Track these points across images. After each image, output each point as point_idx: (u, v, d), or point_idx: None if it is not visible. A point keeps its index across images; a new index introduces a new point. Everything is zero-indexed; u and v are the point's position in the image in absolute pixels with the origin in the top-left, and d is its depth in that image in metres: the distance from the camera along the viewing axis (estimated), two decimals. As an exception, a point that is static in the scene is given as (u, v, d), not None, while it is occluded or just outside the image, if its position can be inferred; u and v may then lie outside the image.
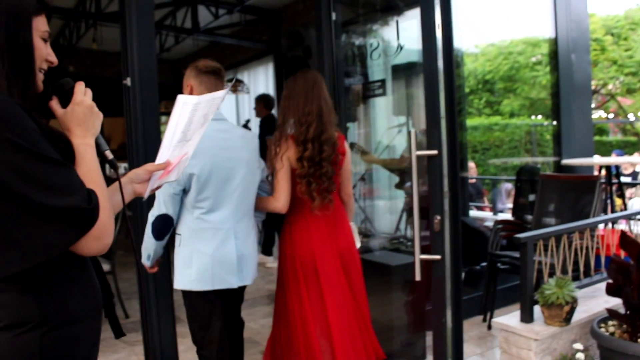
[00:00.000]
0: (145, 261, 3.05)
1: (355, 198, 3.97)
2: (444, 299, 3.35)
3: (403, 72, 4.81)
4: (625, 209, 6.41)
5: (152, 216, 2.95)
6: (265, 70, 8.84)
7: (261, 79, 8.92)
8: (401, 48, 4.31)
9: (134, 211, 3.55)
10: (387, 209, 5.99)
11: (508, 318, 3.86)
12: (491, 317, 4.86)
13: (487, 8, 6.71)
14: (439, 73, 2.96)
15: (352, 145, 4.87)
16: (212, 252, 2.98)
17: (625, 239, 3.49)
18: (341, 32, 4.14)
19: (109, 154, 1.64)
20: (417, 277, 3.28)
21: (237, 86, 8.59)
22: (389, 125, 5.42)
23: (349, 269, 3.36)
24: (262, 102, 7.94)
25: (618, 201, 6.41)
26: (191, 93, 3.03)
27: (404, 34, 4.25)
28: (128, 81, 3.38)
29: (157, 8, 5.33)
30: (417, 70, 4.41)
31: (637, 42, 17.27)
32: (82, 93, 1.54)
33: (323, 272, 3.23)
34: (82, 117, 1.52)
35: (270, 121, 7.97)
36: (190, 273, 2.98)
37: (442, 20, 2.92)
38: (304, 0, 7.29)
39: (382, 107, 5.16)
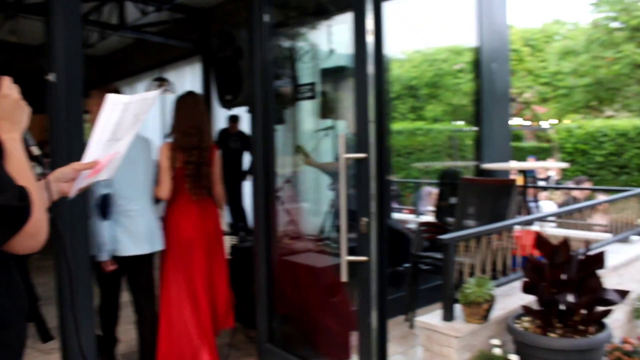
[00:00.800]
0: (103, 255, 3.80)
1: (281, 200, 4.68)
2: (370, 299, 3.43)
3: (332, 75, 4.88)
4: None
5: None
6: (192, 70, 8.71)
7: (188, 79, 8.79)
8: (332, 52, 4.37)
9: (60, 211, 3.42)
10: (313, 211, 6.03)
11: (430, 317, 3.98)
12: (414, 317, 5.00)
13: (414, 16, 6.91)
14: (369, 78, 3.03)
15: (297, 149, 5.14)
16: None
17: (540, 240, 3.69)
18: (273, 34, 4.15)
19: (35, 150, 1.59)
20: (344, 279, 3.35)
21: (164, 85, 8.43)
22: (317, 128, 5.46)
23: (215, 247, 4.38)
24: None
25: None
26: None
27: (334, 38, 4.32)
28: (52, 76, 3.25)
29: (83, 1, 5.16)
30: (346, 74, 4.49)
31: (551, 54, 18.19)
32: (8, 87, 1.50)
33: (196, 249, 4.22)
34: (8, 110, 1.47)
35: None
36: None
37: (374, 26, 2.99)
38: (234, 0, 7.25)
39: (311, 110, 5.21)
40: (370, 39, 3.04)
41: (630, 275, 5.65)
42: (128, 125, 1.78)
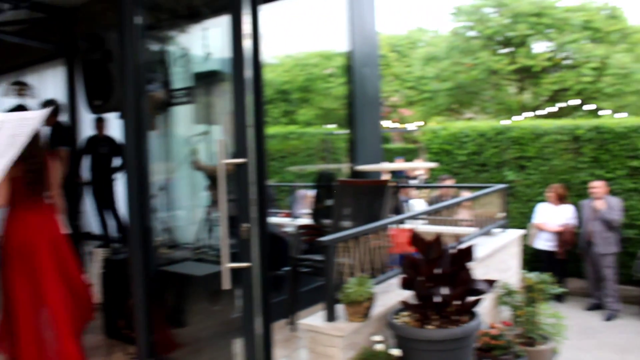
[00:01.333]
0: None
1: (156, 208, 4.52)
2: (253, 306, 3.40)
3: (207, 80, 4.78)
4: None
5: None
6: (54, 74, 8.17)
7: (50, 84, 8.24)
8: (207, 56, 4.28)
9: None
10: (189, 219, 5.89)
11: (313, 318, 4.03)
12: (296, 320, 5.03)
13: (286, 20, 6.96)
14: (247, 82, 3.00)
15: (192, 156, 5.12)
16: None
17: (415, 237, 3.85)
18: (145, 37, 3.99)
19: None
20: (226, 286, 3.29)
21: (22, 90, 7.83)
22: (192, 134, 5.34)
23: (61, 250, 4.50)
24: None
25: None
26: None
27: (208, 42, 4.24)
28: None
29: None
30: (221, 78, 4.42)
31: (416, 59, 19.12)
32: None
33: (38, 254, 4.31)
34: None
35: (60, 130, 7.41)
36: None
37: (251, 29, 2.97)
38: (101, 1, 6.89)
39: (185, 115, 5.08)
40: (247, 42, 3.02)
41: (494, 265, 6.08)
42: (4, 145, 1.64)
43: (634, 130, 8.71)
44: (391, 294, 4.47)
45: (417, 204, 9.17)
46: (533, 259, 9.48)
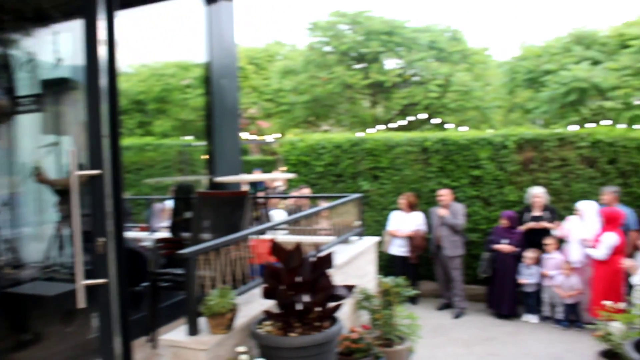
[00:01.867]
0: None
1: None
2: (111, 324, 3.26)
3: (57, 87, 4.51)
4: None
5: None
6: None
7: None
8: (57, 62, 4.05)
9: None
10: (38, 236, 5.51)
11: (175, 333, 3.93)
12: (157, 336, 4.87)
13: (142, 28, 6.75)
14: (102, 91, 2.88)
15: (35, 170, 4.71)
16: None
17: (275, 247, 3.90)
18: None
19: None
20: (81, 305, 3.13)
21: None
22: (39, 144, 5.01)
23: None
24: None
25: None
26: None
27: (59, 47, 4.00)
28: None
29: None
30: (73, 86, 4.20)
31: (273, 72, 19.36)
32: None
33: None
34: None
35: None
36: None
37: (107, 36, 2.86)
38: None
39: (32, 124, 4.75)
40: (102, 49, 2.90)
41: (352, 272, 6.29)
42: None
43: (474, 142, 9.46)
44: (254, 304, 4.48)
45: (277, 214, 9.27)
46: (388, 264, 9.94)
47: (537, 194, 8.71)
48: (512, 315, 8.74)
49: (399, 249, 9.40)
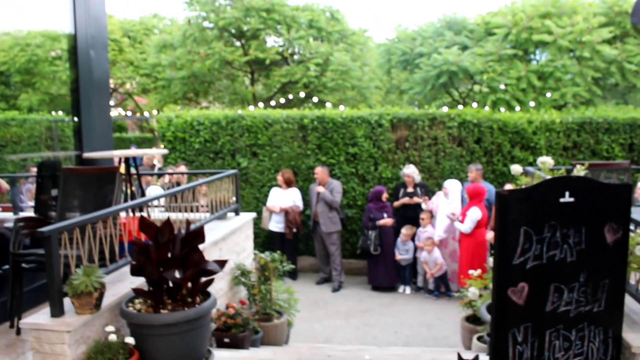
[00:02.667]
0: None
1: None
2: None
3: None
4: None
5: None
6: None
7: None
8: None
9: None
10: None
11: (37, 316, 3.74)
12: (19, 321, 4.59)
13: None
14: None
15: None
16: None
17: (143, 223, 3.79)
18: None
19: None
20: None
21: None
22: None
23: None
24: None
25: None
26: None
27: None
28: None
29: None
30: None
31: (150, 46, 18.62)
32: None
33: None
34: None
35: None
36: None
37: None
38: None
39: None
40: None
41: (228, 248, 6.29)
42: None
43: (351, 121, 9.69)
44: (125, 282, 4.36)
45: (154, 191, 9.03)
46: (268, 241, 10.03)
47: (408, 173, 9.12)
48: (389, 287, 9.14)
49: (277, 225, 9.49)
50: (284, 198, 9.44)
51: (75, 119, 6.36)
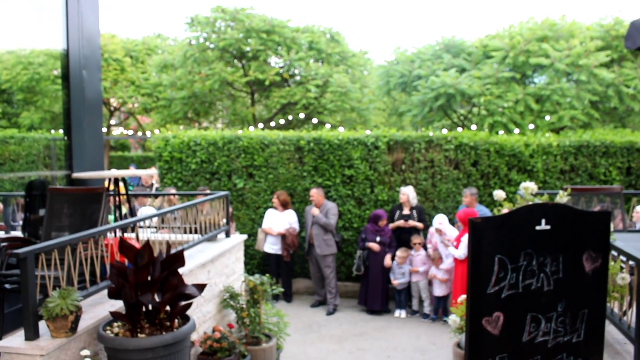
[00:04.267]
0: None
1: None
2: None
3: None
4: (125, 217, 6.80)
5: None
6: None
7: None
8: None
9: None
10: None
11: (11, 339, 3.69)
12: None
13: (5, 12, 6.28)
14: None
15: None
16: None
17: (123, 245, 3.76)
18: None
19: None
20: None
21: None
22: None
23: None
24: None
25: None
26: None
27: None
28: None
29: None
30: None
31: (151, 66, 18.77)
32: None
33: None
34: None
35: None
36: None
37: None
38: None
39: None
40: None
41: (217, 270, 6.24)
42: None
43: (347, 142, 9.69)
44: (105, 304, 4.32)
45: (146, 211, 9.01)
46: (263, 262, 9.98)
47: (404, 192, 9.08)
48: (383, 310, 9.05)
49: (272, 247, 9.45)
50: (280, 220, 9.41)
51: (66, 137, 6.37)
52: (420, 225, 8.94)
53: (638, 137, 9.89)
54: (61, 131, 6.82)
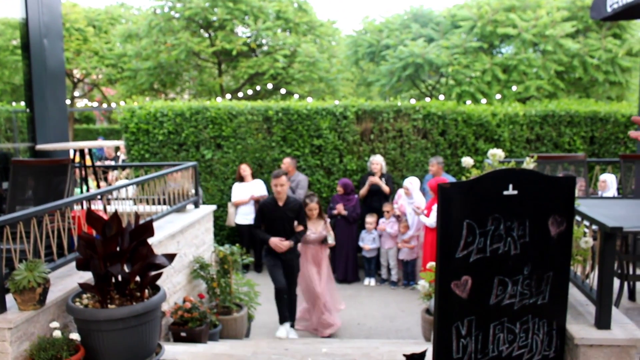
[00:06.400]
0: None
1: None
2: None
3: None
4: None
5: None
6: None
7: None
8: None
9: None
10: None
11: (-23, 313, 3.64)
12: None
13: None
14: None
15: None
16: None
17: (90, 216, 3.71)
18: None
19: None
20: None
21: None
22: None
23: None
24: None
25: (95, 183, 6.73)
26: None
27: None
28: None
29: None
30: None
31: (115, 36, 18.31)
32: None
33: None
34: None
35: None
36: None
37: None
38: None
39: None
40: None
41: (186, 241, 6.22)
42: None
43: (316, 112, 9.65)
44: (74, 276, 4.26)
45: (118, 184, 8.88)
46: (232, 234, 9.96)
47: (376, 161, 9.13)
48: (353, 279, 9.15)
49: (245, 217, 9.39)
50: (248, 191, 9.36)
51: (28, 109, 6.21)
52: (387, 188, 9.00)
53: (601, 107, 10.09)
54: (22, 103, 6.64)
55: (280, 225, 6.63)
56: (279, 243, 6.48)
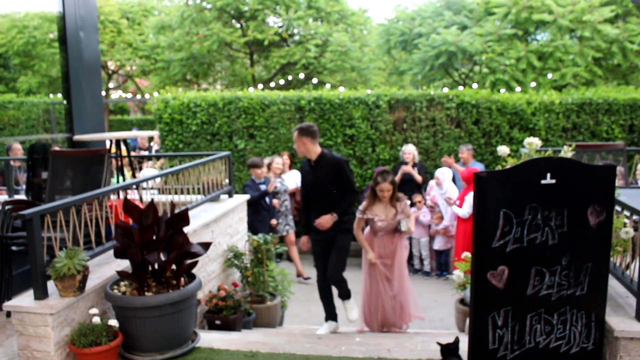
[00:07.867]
0: None
1: None
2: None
3: None
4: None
5: None
6: None
7: None
8: None
9: None
10: None
11: (21, 299, 3.74)
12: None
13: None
14: None
15: None
16: None
17: (127, 205, 3.77)
18: None
19: None
20: None
21: None
22: None
23: None
24: None
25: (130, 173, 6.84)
26: None
27: None
28: None
29: None
30: None
31: (149, 27, 18.52)
32: None
33: None
34: None
35: None
36: None
37: None
38: None
39: None
40: None
41: (220, 230, 6.27)
42: None
43: (348, 102, 9.63)
44: (111, 264, 4.34)
45: (148, 173, 9.01)
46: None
47: (408, 150, 9.06)
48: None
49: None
50: (286, 179, 9.40)
51: (65, 101, 6.33)
52: (419, 178, 8.93)
53: (641, 93, 9.83)
54: (60, 95, 6.76)
55: (317, 190, 5.31)
56: (317, 222, 5.30)
